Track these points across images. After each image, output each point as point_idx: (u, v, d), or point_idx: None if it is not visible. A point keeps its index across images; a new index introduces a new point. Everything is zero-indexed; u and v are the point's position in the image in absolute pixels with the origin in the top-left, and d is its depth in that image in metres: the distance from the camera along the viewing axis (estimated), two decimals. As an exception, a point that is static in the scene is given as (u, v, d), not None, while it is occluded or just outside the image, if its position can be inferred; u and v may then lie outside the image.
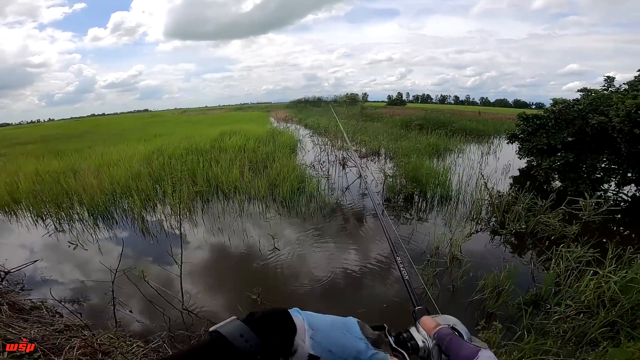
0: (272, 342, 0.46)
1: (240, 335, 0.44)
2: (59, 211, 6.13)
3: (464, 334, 0.56)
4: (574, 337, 2.59)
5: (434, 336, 0.55)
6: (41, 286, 3.94)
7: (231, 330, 0.45)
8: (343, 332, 0.52)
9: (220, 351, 0.43)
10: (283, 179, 7.05)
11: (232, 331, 0.44)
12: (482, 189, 6.33)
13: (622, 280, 2.81)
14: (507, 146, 10.30)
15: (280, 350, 0.47)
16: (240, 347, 0.43)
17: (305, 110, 40.41)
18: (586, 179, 6.55)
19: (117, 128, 25.80)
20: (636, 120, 5.55)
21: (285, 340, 0.47)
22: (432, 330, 0.56)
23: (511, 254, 4.51)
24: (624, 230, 5.35)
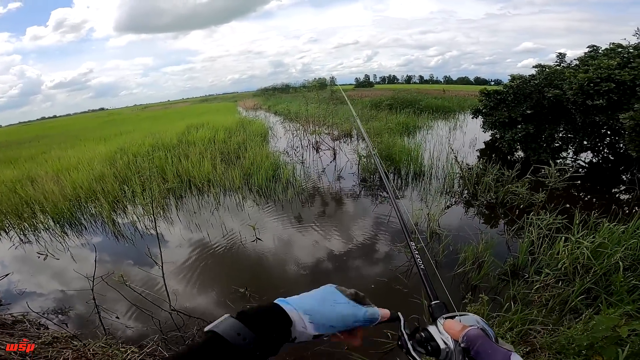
0: (270, 337, 0.47)
1: (237, 334, 0.44)
2: (21, 222, 5.70)
3: (491, 334, 0.51)
4: (556, 305, 2.69)
5: (463, 339, 0.50)
6: (19, 299, 3.71)
7: (227, 329, 0.45)
8: (332, 305, 0.54)
9: (218, 351, 0.43)
10: (257, 168, 6.94)
11: (228, 330, 0.44)
12: (452, 163, 6.57)
13: (592, 245, 2.96)
14: (472, 121, 10.69)
15: (279, 343, 0.48)
16: (239, 345, 0.43)
17: (274, 97, 39.72)
18: (546, 148, 6.96)
19: (72, 129, 24.15)
20: (588, 92, 5.94)
21: (283, 334, 0.49)
22: (459, 334, 0.51)
23: (485, 225, 4.72)
24: (585, 195, 5.72)
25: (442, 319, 0.56)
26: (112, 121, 28.91)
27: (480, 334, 0.49)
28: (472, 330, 0.50)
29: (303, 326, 0.50)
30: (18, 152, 13.46)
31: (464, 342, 0.49)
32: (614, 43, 6.97)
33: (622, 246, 2.93)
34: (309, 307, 0.52)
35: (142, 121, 22.71)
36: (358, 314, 0.55)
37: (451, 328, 0.53)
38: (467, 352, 0.49)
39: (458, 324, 0.53)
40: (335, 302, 0.55)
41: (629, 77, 5.61)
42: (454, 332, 0.51)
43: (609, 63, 5.93)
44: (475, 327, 0.51)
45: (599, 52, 7.10)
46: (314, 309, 0.52)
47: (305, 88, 16.80)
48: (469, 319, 0.54)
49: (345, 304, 0.55)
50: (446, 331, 0.53)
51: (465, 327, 0.51)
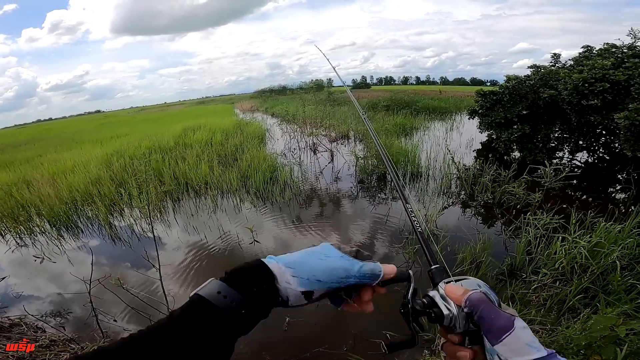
0: (252, 292, 0.44)
1: (217, 292, 0.42)
2: (17, 225, 5.66)
3: (494, 299, 0.48)
4: (554, 305, 2.69)
5: (465, 304, 0.47)
6: (16, 303, 3.68)
7: (211, 290, 0.42)
8: (321, 258, 0.50)
9: (201, 313, 0.41)
10: (255, 170, 6.92)
11: (211, 292, 0.42)
12: (449, 164, 6.58)
13: (589, 245, 2.97)
14: (468, 122, 10.73)
15: (265, 300, 0.45)
16: (220, 305, 0.41)
17: (271, 99, 39.73)
18: (542, 148, 7.00)
19: (68, 132, 24.02)
20: (583, 92, 5.98)
21: (266, 289, 0.45)
22: (462, 298, 0.48)
23: (483, 225, 4.74)
24: (581, 195, 5.76)
25: (443, 284, 0.53)
26: (108, 124, 28.78)
27: (483, 297, 0.47)
28: (475, 294, 0.47)
29: (287, 280, 0.46)
30: (14, 155, 13.39)
31: (467, 306, 0.47)
32: (608, 43, 7.04)
33: (618, 245, 2.94)
34: (293, 260, 0.49)
35: (139, 123, 22.64)
36: (351, 268, 0.49)
37: (453, 292, 0.50)
38: (470, 317, 0.47)
39: (460, 288, 0.50)
40: (325, 256, 0.50)
41: (623, 77, 5.66)
42: (456, 297, 0.49)
43: (603, 63, 5.98)
44: (477, 290, 0.49)
45: (593, 53, 7.16)
46: (297, 261, 0.48)
47: (302, 90, 16.82)
48: (471, 282, 0.52)
49: (335, 257, 0.50)
50: (448, 296, 0.50)
51: (467, 291, 0.49)
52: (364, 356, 2.47)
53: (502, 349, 0.42)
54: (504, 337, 0.43)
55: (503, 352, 0.42)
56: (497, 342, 0.43)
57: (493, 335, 0.44)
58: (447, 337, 0.52)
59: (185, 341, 0.38)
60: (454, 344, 0.50)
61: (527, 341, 0.42)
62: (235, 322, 0.42)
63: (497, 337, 0.43)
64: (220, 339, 0.41)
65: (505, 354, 0.42)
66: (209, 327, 0.40)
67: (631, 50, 6.41)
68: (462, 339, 0.49)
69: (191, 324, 0.40)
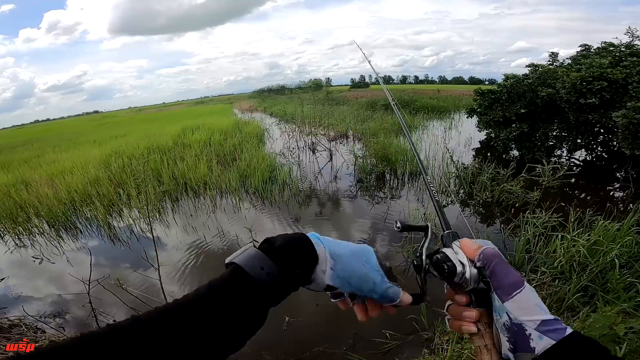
0: (293, 273, 0.43)
1: (261, 268, 0.41)
2: (15, 226, 5.65)
3: None
4: (553, 303, 2.69)
5: (479, 257, 0.47)
6: (15, 304, 3.66)
7: (250, 261, 0.42)
8: (363, 263, 0.49)
9: (241, 286, 0.40)
10: (253, 170, 6.92)
11: (251, 263, 0.42)
12: (448, 163, 6.59)
13: (588, 243, 2.97)
14: (467, 120, 10.74)
15: (300, 280, 0.45)
16: (260, 280, 0.41)
17: (270, 99, 39.71)
18: (540, 146, 7.01)
19: (66, 133, 23.94)
20: (581, 91, 5.99)
21: (306, 271, 0.45)
22: (475, 252, 0.48)
23: (482, 224, 4.75)
24: (580, 193, 5.77)
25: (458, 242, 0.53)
26: (106, 124, 28.74)
27: (496, 252, 0.47)
28: (489, 249, 0.48)
29: (323, 269, 0.45)
30: (11, 156, 13.35)
31: (480, 260, 0.47)
32: (605, 42, 7.05)
33: (617, 244, 2.94)
34: (339, 253, 0.47)
35: (137, 124, 22.59)
36: (380, 285, 0.49)
37: (468, 247, 0.50)
38: (481, 273, 0.48)
39: (474, 243, 0.51)
40: (365, 262, 0.50)
41: (621, 75, 5.68)
42: (470, 251, 0.49)
43: (601, 62, 5.99)
44: (491, 247, 0.49)
45: (591, 51, 7.18)
46: (342, 258, 0.47)
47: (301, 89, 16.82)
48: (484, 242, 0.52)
49: (374, 269, 0.50)
50: (462, 250, 0.51)
51: (481, 246, 0.49)
52: (364, 355, 2.48)
53: (511, 306, 0.42)
54: (514, 294, 0.43)
55: (512, 310, 0.42)
56: (508, 299, 0.43)
57: (503, 290, 0.44)
58: (453, 298, 0.52)
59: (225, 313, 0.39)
60: (461, 304, 0.51)
61: (537, 301, 0.42)
62: (270, 295, 0.42)
63: (507, 293, 0.43)
64: (256, 311, 0.41)
65: (514, 312, 0.42)
66: (248, 301, 0.40)
67: (629, 49, 6.42)
68: (470, 300, 0.50)
69: (232, 296, 0.40)
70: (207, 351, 0.37)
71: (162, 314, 0.36)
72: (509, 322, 0.42)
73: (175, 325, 0.35)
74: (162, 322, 0.35)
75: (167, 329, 0.35)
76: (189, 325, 0.36)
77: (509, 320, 0.42)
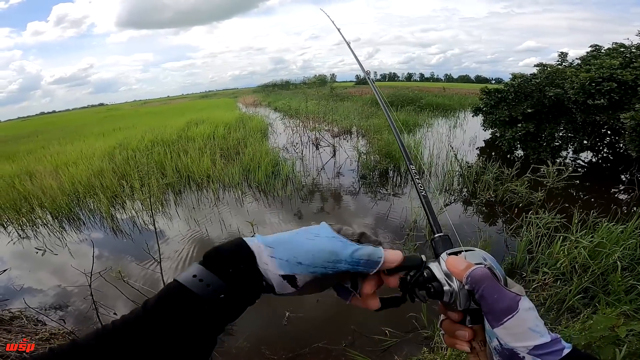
0: (229, 274, 0.39)
1: (193, 276, 0.38)
2: (19, 217, 5.67)
3: (500, 274, 0.44)
4: (554, 304, 2.68)
5: (467, 280, 0.42)
6: (17, 295, 3.68)
7: (189, 275, 0.39)
8: (309, 238, 0.43)
9: (175, 300, 0.37)
10: (257, 164, 6.92)
11: (190, 277, 0.38)
12: (452, 161, 6.56)
13: (591, 245, 2.96)
14: (472, 119, 10.68)
15: (246, 283, 0.40)
16: (196, 290, 0.37)
17: (274, 93, 39.63)
18: (546, 147, 6.95)
19: (71, 125, 24.04)
20: (590, 92, 5.91)
21: (244, 269, 0.40)
22: (463, 273, 0.43)
23: (484, 224, 4.71)
24: (584, 195, 5.71)
25: (446, 255, 0.47)
26: (111, 117, 28.81)
27: (487, 274, 0.42)
28: (478, 270, 0.42)
29: (264, 261, 0.40)
30: (16, 147, 13.43)
31: (468, 283, 0.42)
32: (616, 43, 6.95)
33: (620, 246, 2.93)
34: (277, 238, 0.43)
35: (142, 117, 22.64)
36: (341, 251, 0.42)
37: (454, 266, 0.45)
38: (472, 294, 0.43)
39: (462, 261, 0.45)
40: (315, 236, 0.44)
41: (630, 77, 5.59)
42: (458, 272, 0.44)
43: (611, 63, 5.91)
44: (481, 265, 0.44)
45: (602, 52, 7.08)
46: (280, 240, 0.42)
47: (306, 85, 16.76)
48: (476, 254, 0.47)
49: (326, 238, 0.44)
50: (449, 269, 0.45)
51: (470, 265, 0.44)
52: (363, 352, 2.48)
53: (501, 333, 0.39)
54: (505, 320, 0.39)
55: (502, 336, 0.39)
56: (498, 325, 0.40)
57: (494, 316, 0.40)
58: (446, 314, 0.48)
59: (160, 332, 0.35)
60: (454, 321, 0.47)
61: (531, 325, 0.39)
62: (214, 309, 0.38)
63: (497, 319, 0.40)
64: (198, 327, 0.37)
65: (504, 338, 0.39)
66: (184, 315, 0.36)
67: (639, 50, 6.32)
68: (463, 316, 0.46)
69: (165, 312, 0.36)
70: None
71: (100, 337, 0.35)
72: (499, 347, 0.40)
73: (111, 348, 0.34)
74: (99, 346, 0.34)
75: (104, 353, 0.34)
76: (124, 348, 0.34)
77: (499, 345, 0.40)
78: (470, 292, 0.43)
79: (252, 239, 0.43)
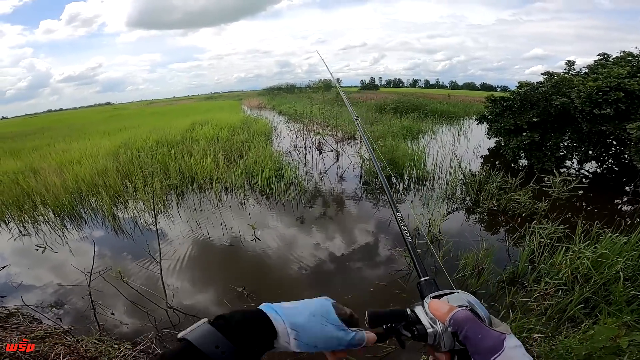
0: (252, 350, 0.43)
1: (214, 346, 0.40)
2: (21, 213, 5.70)
3: (484, 315, 0.46)
4: (555, 314, 2.66)
5: (450, 322, 0.45)
6: (15, 292, 3.68)
7: (204, 339, 0.41)
8: (323, 324, 0.49)
9: None
10: (260, 167, 6.93)
11: (205, 340, 0.40)
12: (456, 169, 6.53)
13: (594, 255, 2.94)
14: (476, 127, 10.65)
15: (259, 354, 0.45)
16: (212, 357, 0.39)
17: (279, 97, 39.83)
18: (551, 156, 6.91)
19: (77, 123, 24.23)
20: (597, 101, 5.88)
21: (265, 346, 0.45)
22: (445, 316, 0.46)
23: (486, 232, 4.68)
24: (588, 205, 5.66)
25: (429, 299, 0.51)
26: (117, 116, 29.06)
27: (469, 315, 0.44)
28: (460, 312, 0.45)
29: (287, 341, 0.46)
30: (22, 143, 13.54)
31: (451, 325, 0.45)
32: (624, 51, 6.92)
33: (623, 257, 2.91)
34: (298, 322, 0.47)
35: (147, 117, 22.81)
36: (344, 339, 0.50)
37: (437, 310, 0.48)
38: (456, 336, 0.45)
39: (445, 304, 0.48)
40: (325, 321, 0.50)
41: (638, 86, 5.56)
42: (441, 315, 0.47)
43: (619, 72, 5.87)
44: (463, 308, 0.46)
45: (610, 60, 7.05)
46: (303, 326, 0.47)
47: (311, 89, 16.81)
48: (458, 297, 0.49)
49: (334, 327, 0.50)
50: (432, 313, 0.48)
51: (453, 308, 0.46)
52: (361, 358, 2.46)
53: None
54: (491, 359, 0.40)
55: None
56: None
57: (480, 356, 0.41)
58: (434, 356, 0.50)
59: None
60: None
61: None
62: None
63: (484, 358, 0.41)
64: None
65: None
66: None
67: (648, 59, 6.30)
68: (451, 357, 0.48)
69: None
70: None
71: None
72: None
73: None
74: None
75: None
76: None
77: None
78: (454, 334, 0.45)
79: (276, 316, 0.47)
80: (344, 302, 0.55)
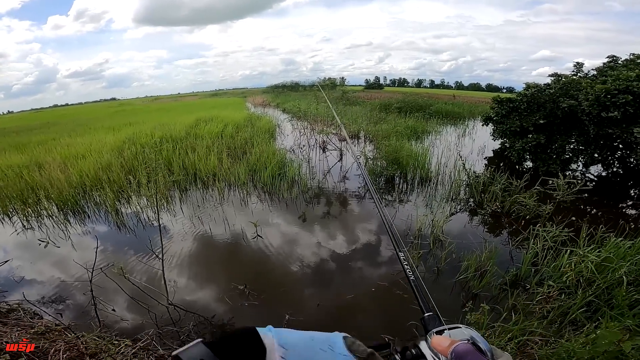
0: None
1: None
2: (25, 207, 5.73)
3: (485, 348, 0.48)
4: (557, 317, 2.65)
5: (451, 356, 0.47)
6: (17, 287, 3.68)
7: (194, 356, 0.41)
8: (323, 349, 0.47)
9: None
10: (263, 165, 6.93)
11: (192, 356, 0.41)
12: (460, 170, 6.49)
13: (598, 259, 2.93)
14: (481, 128, 10.58)
15: None
16: None
17: (283, 95, 39.80)
18: (556, 159, 6.85)
19: (83, 118, 24.38)
20: (605, 104, 5.81)
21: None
22: (447, 350, 0.48)
23: (490, 234, 4.65)
24: (593, 209, 5.60)
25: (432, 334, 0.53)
26: (122, 111, 29.18)
27: (470, 348, 0.46)
28: (461, 345, 0.47)
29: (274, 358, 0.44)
30: (28, 138, 13.61)
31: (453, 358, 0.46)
32: (634, 54, 6.83)
33: (627, 261, 2.89)
34: (291, 342, 0.46)
35: (152, 113, 22.90)
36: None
37: (439, 345, 0.50)
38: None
39: (446, 339, 0.50)
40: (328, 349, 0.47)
41: (646, 90, 5.48)
42: (443, 349, 0.48)
43: (628, 74, 5.79)
44: (464, 341, 0.48)
45: (619, 63, 6.96)
46: (294, 345, 0.45)
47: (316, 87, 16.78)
48: (460, 332, 0.52)
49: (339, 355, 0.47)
50: (435, 348, 0.50)
51: (454, 342, 0.48)
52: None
53: None
54: None
55: None
56: None
57: None
58: None
59: None
60: None
61: None
62: None
63: None
64: None
65: None
66: None
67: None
68: None
69: None
70: None
71: None
72: None
73: None
74: None
75: None
76: None
77: None
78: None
79: (267, 333, 0.46)
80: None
